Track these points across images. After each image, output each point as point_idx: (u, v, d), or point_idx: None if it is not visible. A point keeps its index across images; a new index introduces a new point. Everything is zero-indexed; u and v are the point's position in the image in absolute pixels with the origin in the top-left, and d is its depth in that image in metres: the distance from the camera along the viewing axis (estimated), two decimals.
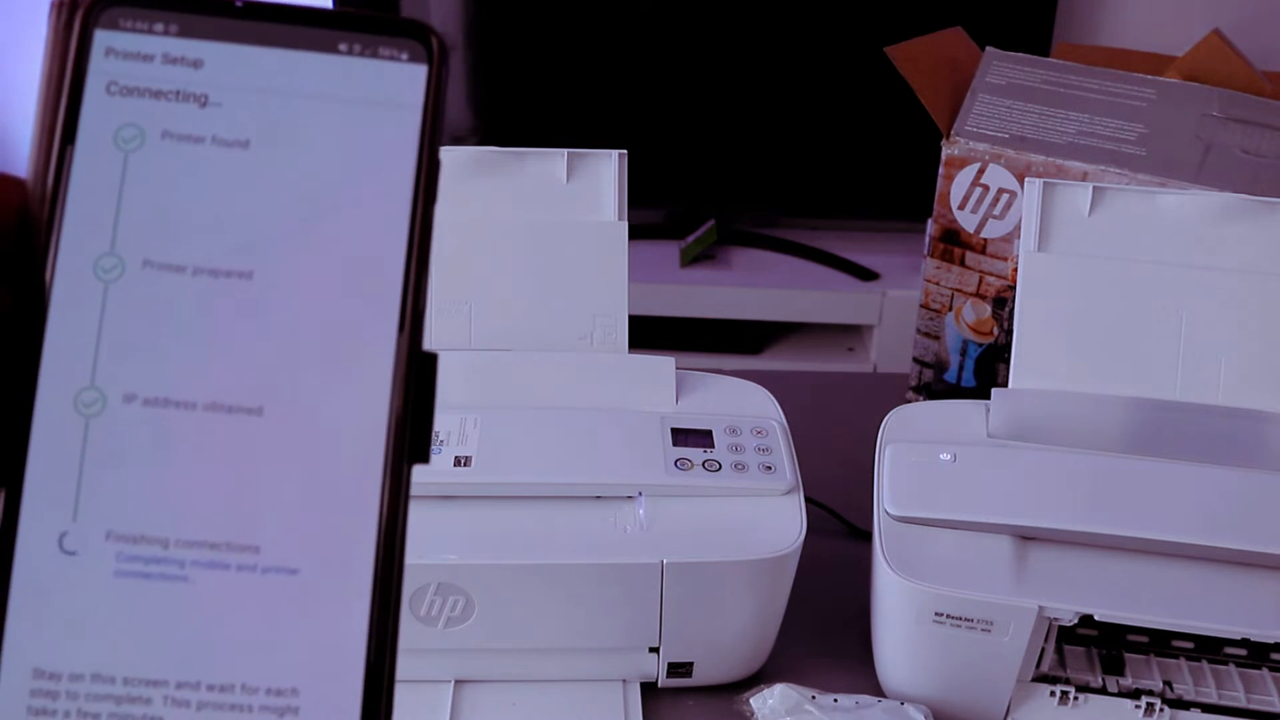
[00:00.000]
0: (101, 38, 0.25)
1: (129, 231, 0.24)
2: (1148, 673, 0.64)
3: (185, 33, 0.25)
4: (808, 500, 0.65)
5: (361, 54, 0.25)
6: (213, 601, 0.24)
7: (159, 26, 0.25)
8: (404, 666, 0.25)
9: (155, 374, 0.24)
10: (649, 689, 0.67)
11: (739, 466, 0.65)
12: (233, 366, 0.24)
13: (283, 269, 0.25)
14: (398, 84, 0.25)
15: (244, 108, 0.25)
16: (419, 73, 0.25)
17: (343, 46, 0.25)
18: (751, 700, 0.63)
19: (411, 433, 0.25)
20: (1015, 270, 0.76)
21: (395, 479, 0.24)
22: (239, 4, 0.25)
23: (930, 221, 0.93)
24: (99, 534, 0.24)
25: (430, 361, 0.25)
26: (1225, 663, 0.65)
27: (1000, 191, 0.88)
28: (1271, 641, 0.59)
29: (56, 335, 0.24)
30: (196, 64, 0.25)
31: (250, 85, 0.25)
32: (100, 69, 0.25)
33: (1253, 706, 0.63)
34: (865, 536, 0.69)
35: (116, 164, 0.25)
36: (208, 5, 0.25)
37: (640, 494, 0.64)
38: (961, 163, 0.89)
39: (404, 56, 0.25)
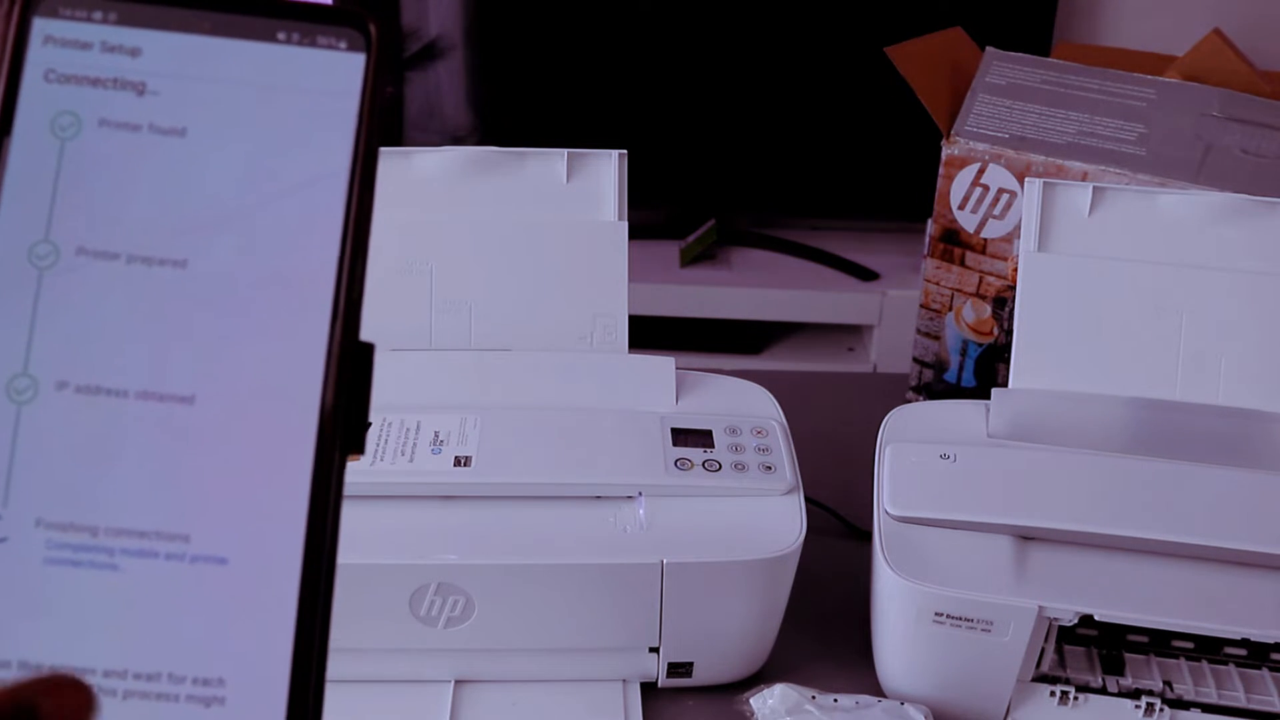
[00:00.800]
0: (40, 25, 0.25)
1: (64, 219, 0.24)
2: (1148, 673, 0.64)
3: (124, 20, 0.25)
4: (808, 500, 0.65)
5: (300, 43, 0.25)
6: (141, 590, 0.23)
7: (98, 14, 0.25)
8: (404, 666, 0.25)
9: (88, 361, 0.24)
10: (649, 689, 0.67)
11: (739, 466, 0.65)
12: (165, 355, 0.24)
13: (217, 257, 0.25)
14: (335, 72, 0.25)
15: (181, 96, 0.25)
16: (357, 61, 0.25)
17: (281, 35, 0.25)
18: (751, 700, 0.63)
19: (345, 423, 0.24)
20: (1015, 270, 0.76)
21: (325, 469, 0.24)
22: None
23: (930, 221, 0.93)
24: (28, 521, 0.23)
25: (366, 351, 0.25)
26: (1225, 663, 0.65)
27: (1000, 191, 0.88)
28: (1271, 641, 0.59)
29: None
30: (135, 52, 0.25)
31: (188, 73, 0.25)
32: (38, 57, 0.25)
33: (1253, 706, 0.63)
34: (865, 536, 0.69)
35: (53, 152, 0.24)
36: None
37: (640, 494, 0.64)
38: (961, 163, 0.89)
39: (342, 45, 0.25)
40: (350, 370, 0.25)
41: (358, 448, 0.25)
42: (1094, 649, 0.66)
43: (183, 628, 0.23)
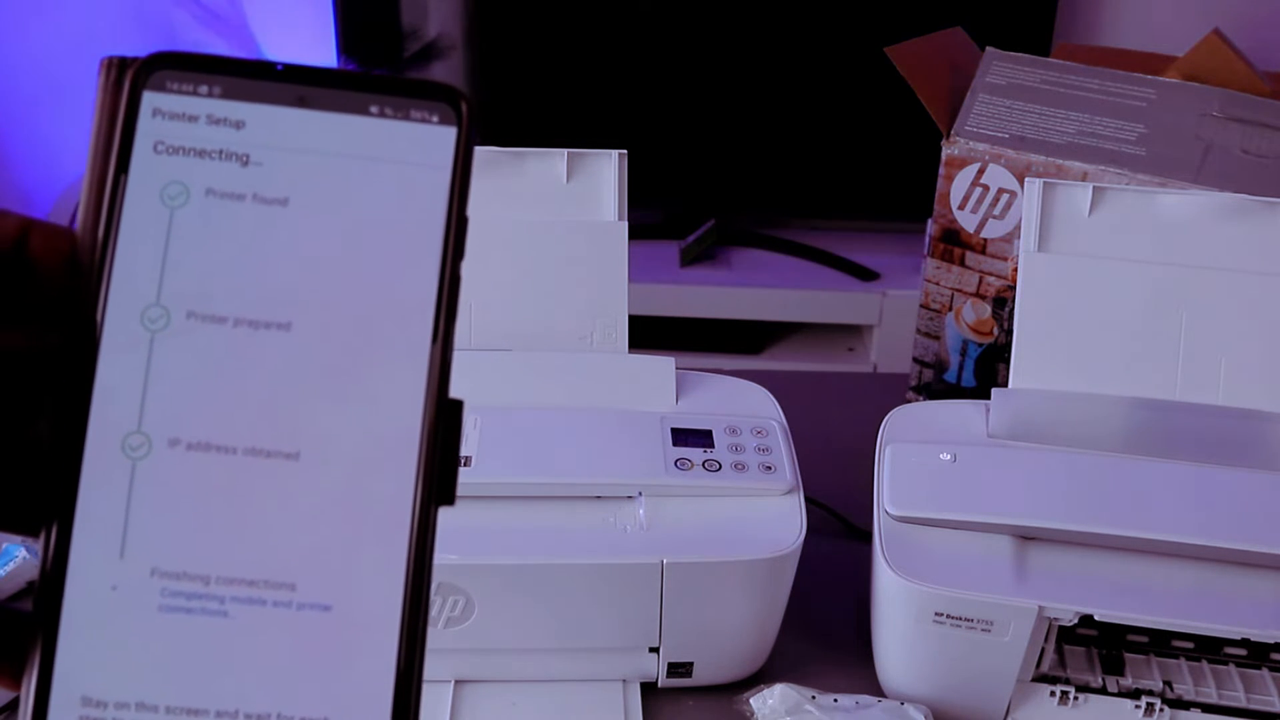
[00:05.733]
0: (149, 99, 0.26)
1: (174, 284, 0.26)
2: (1148, 673, 0.64)
3: (228, 95, 0.26)
4: (808, 500, 0.65)
5: (394, 117, 0.27)
6: (250, 635, 0.25)
7: (204, 89, 0.26)
8: None
9: (198, 420, 0.25)
10: (649, 689, 0.67)
11: (739, 466, 0.65)
12: (271, 413, 0.25)
13: (319, 321, 0.26)
14: (428, 145, 0.27)
15: (283, 167, 0.26)
16: (449, 134, 0.27)
17: (376, 109, 0.27)
18: (751, 700, 0.63)
19: (439, 476, 0.26)
20: (1015, 270, 0.76)
21: (423, 520, 0.26)
22: (280, 68, 0.26)
23: (930, 221, 0.93)
24: (144, 571, 0.25)
25: (456, 408, 0.27)
26: (1225, 663, 0.65)
27: (1000, 191, 0.88)
28: (1271, 641, 0.59)
29: (105, 381, 0.25)
30: (239, 125, 0.26)
31: (289, 145, 0.26)
32: (148, 129, 0.26)
33: (1253, 706, 0.63)
34: (865, 536, 0.69)
35: (163, 219, 0.26)
36: (250, 69, 0.26)
37: (640, 494, 0.64)
38: (961, 163, 0.89)
39: (434, 119, 0.27)
40: (444, 426, 0.26)
41: (449, 499, 0.26)
42: (1094, 649, 0.66)
43: (289, 670, 0.25)
